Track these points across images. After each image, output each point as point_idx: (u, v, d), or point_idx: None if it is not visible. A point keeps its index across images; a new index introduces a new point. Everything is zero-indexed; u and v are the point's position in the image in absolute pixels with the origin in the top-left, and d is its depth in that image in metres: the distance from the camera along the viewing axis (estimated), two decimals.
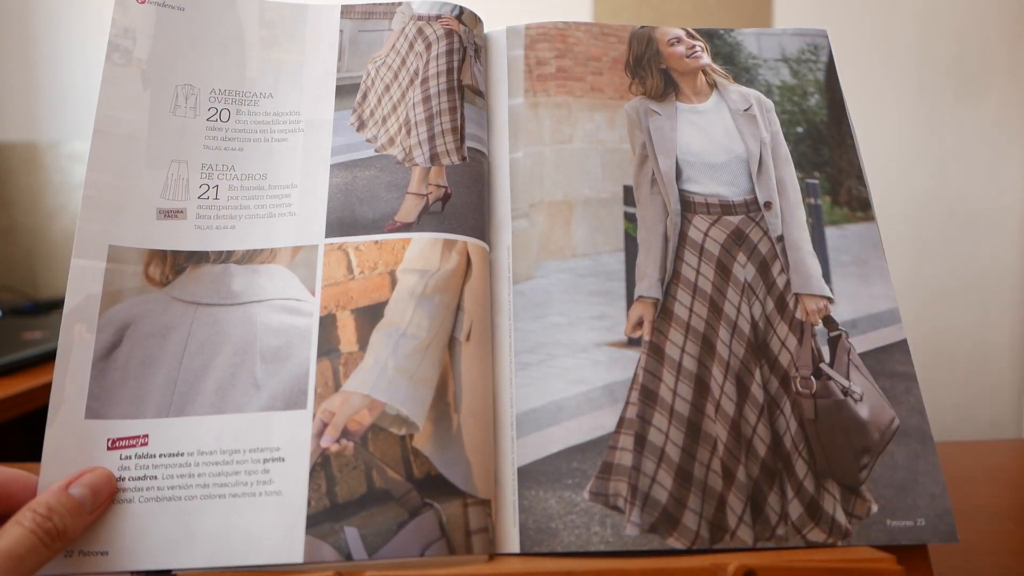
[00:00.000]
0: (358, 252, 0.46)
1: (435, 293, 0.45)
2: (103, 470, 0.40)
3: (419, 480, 0.40)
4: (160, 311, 0.44)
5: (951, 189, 1.51)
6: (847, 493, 0.42)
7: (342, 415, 0.41)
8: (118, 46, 0.49)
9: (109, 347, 0.43)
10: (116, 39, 0.49)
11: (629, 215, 0.49)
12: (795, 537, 0.41)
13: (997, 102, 1.49)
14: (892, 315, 0.48)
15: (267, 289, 0.45)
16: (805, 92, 0.54)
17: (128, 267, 0.45)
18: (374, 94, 0.52)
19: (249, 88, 0.51)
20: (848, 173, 0.52)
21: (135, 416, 0.41)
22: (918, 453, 0.44)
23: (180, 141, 0.48)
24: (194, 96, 0.50)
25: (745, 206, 0.50)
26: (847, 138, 0.53)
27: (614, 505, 0.41)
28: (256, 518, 0.39)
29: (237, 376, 0.43)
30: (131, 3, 0.50)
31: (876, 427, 0.44)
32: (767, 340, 0.46)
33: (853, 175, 0.52)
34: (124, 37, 0.49)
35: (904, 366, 0.46)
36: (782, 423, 0.44)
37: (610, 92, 0.53)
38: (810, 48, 0.56)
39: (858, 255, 0.49)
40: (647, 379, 0.45)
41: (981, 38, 1.49)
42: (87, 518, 0.38)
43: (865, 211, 0.51)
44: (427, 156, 0.49)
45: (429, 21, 0.53)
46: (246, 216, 0.47)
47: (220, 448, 0.41)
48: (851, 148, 0.52)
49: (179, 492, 0.40)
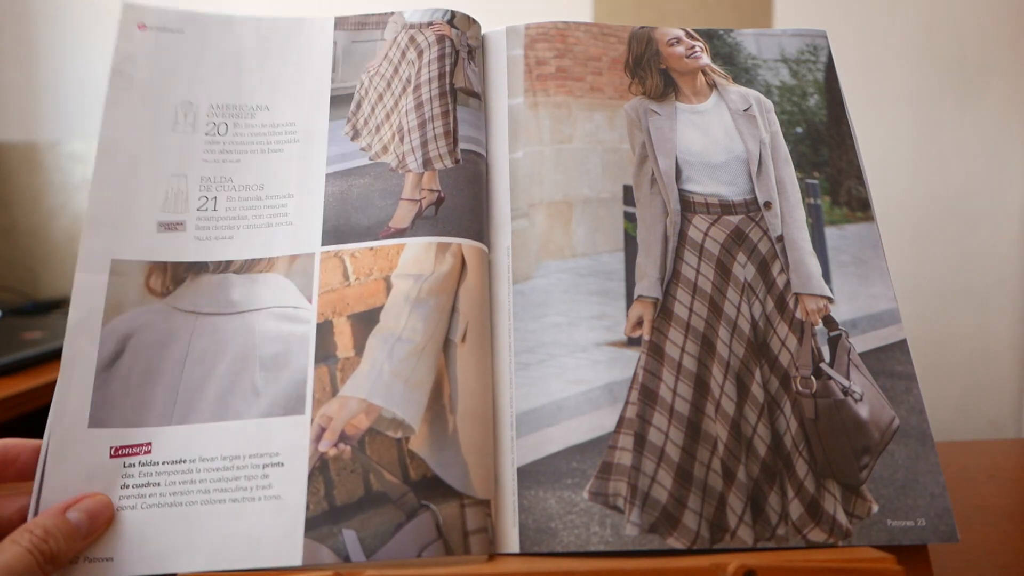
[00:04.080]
0: (353, 259, 0.46)
1: (429, 297, 0.45)
2: (102, 496, 0.40)
3: (416, 482, 0.40)
4: (161, 321, 0.45)
5: (951, 189, 1.51)
6: (847, 493, 0.42)
7: (340, 420, 0.42)
8: (121, 71, 0.50)
9: (112, 357, 0.43)
10: (119, 65, 0.50)
11: (629, 215, 0.49)
12: (796, 537, 0.41)
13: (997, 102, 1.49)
14: (892, 315, 0.47)
15: (265, 298, 0.46)
16: (804, 92, 0.54)
17: (130, 279, 0.45)
18: (368, 103, 0.52)
19: (246, 101, 0.52)
20: (848, 173, 0.52)
21: (138, 424, 0.42)
22: (918, 453, 0.44)
23: (180, 156, 0.49)
24: (192, 113, 0.50)
25: (745, 206, 0.50)
26: (847, 138, 0.53)
27: (614, 505, 0.41)
28: (256, 522, 0.39)
29: (237, 383, 0.43)
30: (134, 31, 0.51)
31: (876, 427, 0.44)
32: (767, 340, 0.46)
33: (853, 175, 0.52)
34: (126, 63, 0.50)
35: (904, 366, 0.46)
36: (782, 423, 0.44)
37: (610, 92, 0.53)
38: (809, 49, 0.56)
39: (858, 255, 0.49)
40: (647, 379, 0.45)
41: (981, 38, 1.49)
42: (81, 544, 0.38)
43: (865, 211, 0.51)
44: (420, 161, 0.50)
45: (421, 29, 0.54)
46: (244, 226, 0.48)
47: (221, 454, 0.41)
48: (851, 148, 0.52)
49: (181, 498, 0.40)
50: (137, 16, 0.51)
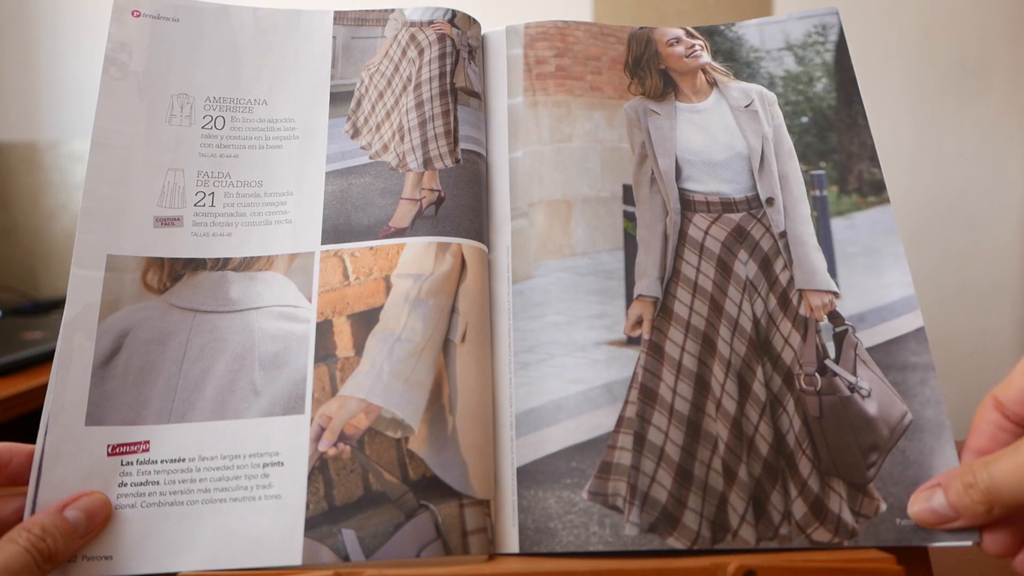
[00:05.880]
0: (353, 258, 0.46)
1: (429, 296, 0.45)
2: (99, 495, 0.39)
3: (415, 482, 0.40)
4: (158, 318, 0.44)
5: (951, 189, 1.51)
6: (854, 492, 0.42)
7: (339, 419, 0.42)
8: (115, 60, 0.49)
9: (108, 354, 0.43)
10: (112, 53, 0.49)
11: (628, 214, 0.49)
12: (799, 537, 0.41)
13: (998, 102, 1.49)
14: (907, 303, 0.46)
15: (265, 296, 0.46)
16: (811, 78, 0.53)
17: (126, 275, 0.45)
18: (368, 101, 0.52)
19: (244, 95, 0.51)
20: (859, 157, 0.51)
21: (135, 422, 0.42)
22: (933, 447, 0.42)
23: (176, 150, 0.48)
24: (189, 105, 0.50)
25: (746, 203, 0.49)
26: (859, 118, 0.51)
27: (613, 505, 0.41)
28: (256, 521, 0.39)
29: (236, 382, 0.43)
30: (127, 17, 0.50)
31: (885, 423, 0.43)
32: (769, 337, 0.46)
33: (865, 157, 0.50)
34: (120, 51, 0.49)
35: (919, 356, 0.44)
36: (785, 421, 0.44)
37: (609, 91, 0.53)
38: (817, 30, 0.54)
39: (868, 244, 0.48)
40: (647, 378, 0.44)
41: (981, 38, 1.49)
42: (78, 542, 0.38)
43: (878, 194, 0.50)
44: (421, 161, 0.49)
45: (422, 27, 0.54)
46: (243, 223, 0.48)
47: (221, 453, 0.41)
48: (864, 129, 0.51)
49: (181, 497, 0.40)
50: (131, 3, 0.50)
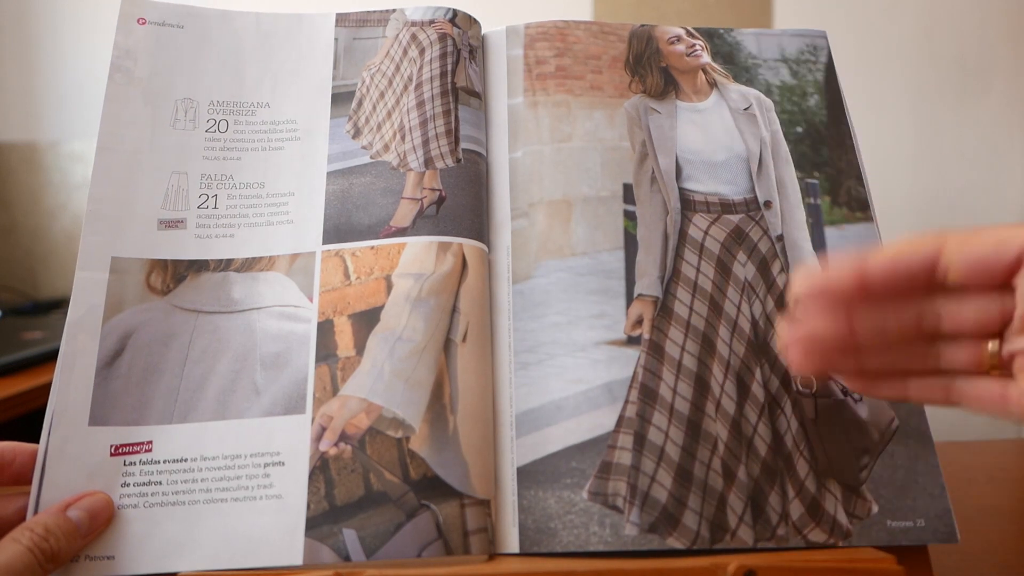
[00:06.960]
0: (354, 258, 0.46)
1: (430, 296, 0.45)
2: (102, 495, 0.40)
3: (416, 482, 0.40)
4: (162, 319, 0.45)
5: (951, 189, 1.51)
6: (848, 493, 0.42)
7: (340, 419, 0.42)
8: (120, 67, 0.49)
9: (112, 355, 0.43)
10: (118, 60, 0.50)
11: (629, 213, 0.49)
12: (796, 537, 0.41)
13: (998, 102, 1.49)
14: None
15: (266, 296, 0.46)
16: (804, 92, 0.54)
17: (130, 277, 0.45)
18: (369, 101, 0.52)
19: (246, 98, 0.51)
20: (847, 174, 0.52)
21: (138, 423, 0.42)
22: (918, 453, 0.43)
23: (180, 153, 0.49)
24: (193, 109, 0.50)
25: (745, 205, 0.50)
26: (846, 139, 0.53)
27: (613, 505, 0.41)
28: (257, 521, 0.39)
29: (238, 382, 0.43)
30: (133, 25, 0.51)
31: (876, 427, 0.44)
32: (767, 339, 0.46)
33: (852, 176, 0.52)
34: (126, 58, 0.50)
35: None
36: (783, 422, 0.44)
37: (610, 90, 0.53)
38: (809, 49, 0.55)
39: None
40: (647, 378, 0.44)
41: (981, 38, 1.49)
42: (81, 542, 0.38)
43: (864, 211, 0.51)
44: (422, 160, 0.50)
45: (422, 27, 0.54)
46: (245, 224, 0.48)
47: (222, 453, 0.41)
48: (850, 149, 0.52)
49: (183, 497, 0.40)
50: (137, 10, 0.51)
